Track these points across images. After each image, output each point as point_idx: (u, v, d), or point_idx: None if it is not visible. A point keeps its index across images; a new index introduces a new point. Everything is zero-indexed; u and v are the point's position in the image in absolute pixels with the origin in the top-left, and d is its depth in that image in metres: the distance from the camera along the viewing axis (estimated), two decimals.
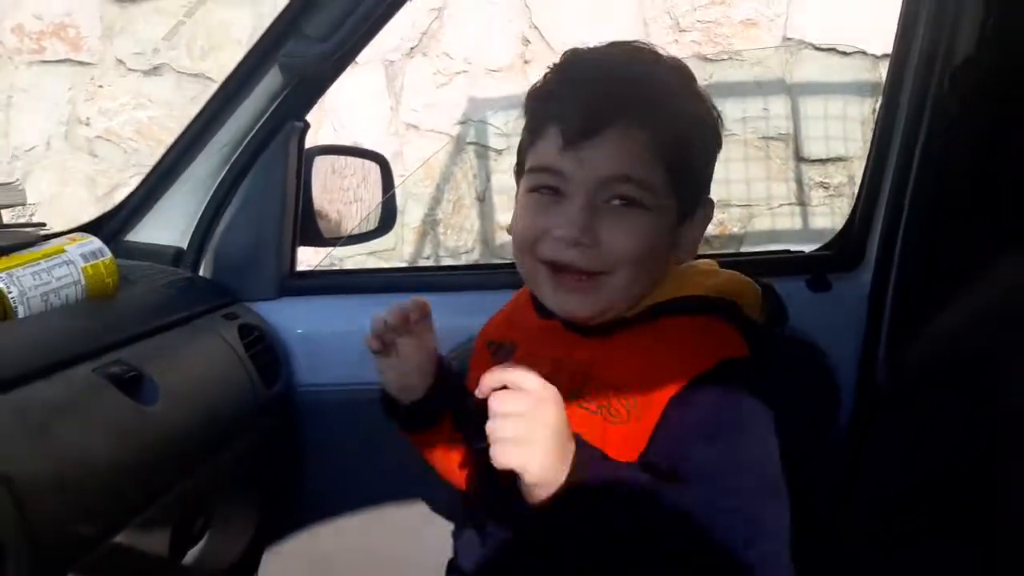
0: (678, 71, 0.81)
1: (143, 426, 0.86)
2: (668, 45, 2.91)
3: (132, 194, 1.29)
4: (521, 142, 0.84)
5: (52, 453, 0.73)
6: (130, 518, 0.83)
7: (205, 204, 1.27)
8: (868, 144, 1.27)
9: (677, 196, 0.78)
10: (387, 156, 1.43)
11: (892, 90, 1.19)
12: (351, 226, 1.50)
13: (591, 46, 0.81)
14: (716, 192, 0.86)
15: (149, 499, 0.87)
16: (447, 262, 3.08)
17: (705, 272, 0.84)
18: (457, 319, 1.25)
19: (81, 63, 3.10)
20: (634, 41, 0.82)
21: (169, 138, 1.27)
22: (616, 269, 0.76)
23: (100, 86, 3.08)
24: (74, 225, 1.27)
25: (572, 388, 0.76)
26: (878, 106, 2.74)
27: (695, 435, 0.72)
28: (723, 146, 0.85)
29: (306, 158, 1.31)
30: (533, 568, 0.80)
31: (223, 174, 1.26)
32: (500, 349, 0.89)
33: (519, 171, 0.84)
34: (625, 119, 0.74)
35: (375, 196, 1.45)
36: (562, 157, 0.76)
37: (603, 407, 0.75)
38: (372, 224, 1.46)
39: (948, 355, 0.95)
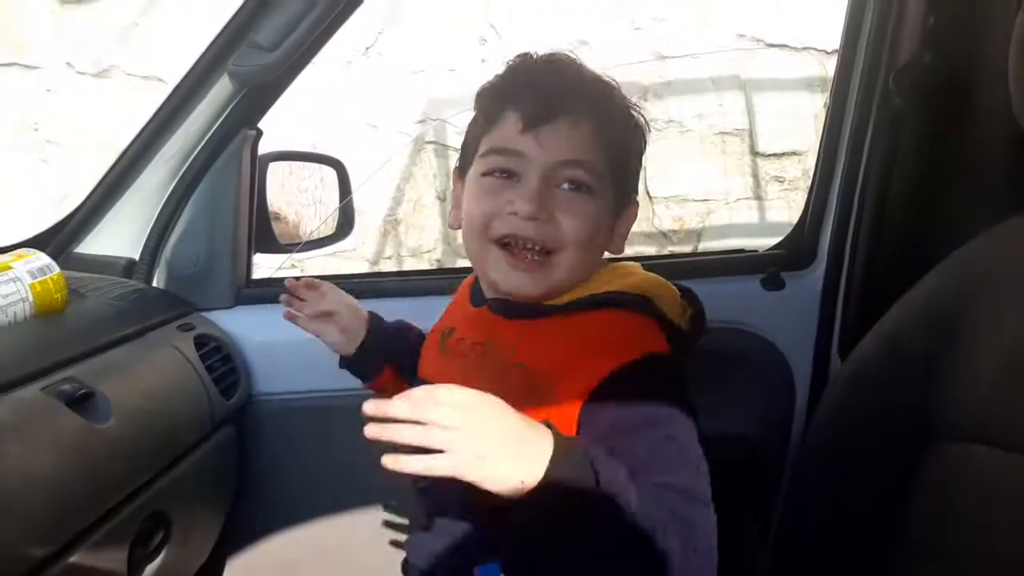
0: (606, 79, 0.87)
1: (95, 444, 0.85)
2: (624, 43, 2.93)
3: (81, 205, 1.27)
4: (470, 135, 0.89)
5: None
6: (84, 538, 0.82)
7: (157, 214, 1.25)
8: (820, 138, 1.29)
9: (615, 188, 0.84)
10: (346, 156, 1.42)
11: (839, 91, 1.21)
12: (310, 228, 1.49)
13: (534, 52, 0.87)
14: (674, 188, 0.90)
15: (104, 518, 0.85)
16: (408, 261, 3.08)
17: (628, 271, 0.87)
18: (419, 324, 1.26)
19: (27, 67, 3.02)
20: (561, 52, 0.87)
21: (121, 142, 1.24)
22: (565, 248, 0.81)
23: (48, 90, 3.01)
24: (24, 232, 1.25)
25: (499, 373, 0.80)
26: (828, 101, 2.79)
27: (618, 430, 0.74)
28: (681, 143, 0.89)
29: (260, 165, 1.30)
30: (479, 560, 0.81)
31: (175, 183, 1.24)
32: (444, 333, 0.93)
33: (463, 166, 0.89)
34: (576, 109, 0.81)
35: (334, 198, 1.44)
36: (521, 138, 0.81)
37: (529, 392, 0.77)
38: (330, 229, 1.45)
39: (892, 350, 0.97)
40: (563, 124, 0.80)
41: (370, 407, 0.63)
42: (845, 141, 1.20)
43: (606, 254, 0.89)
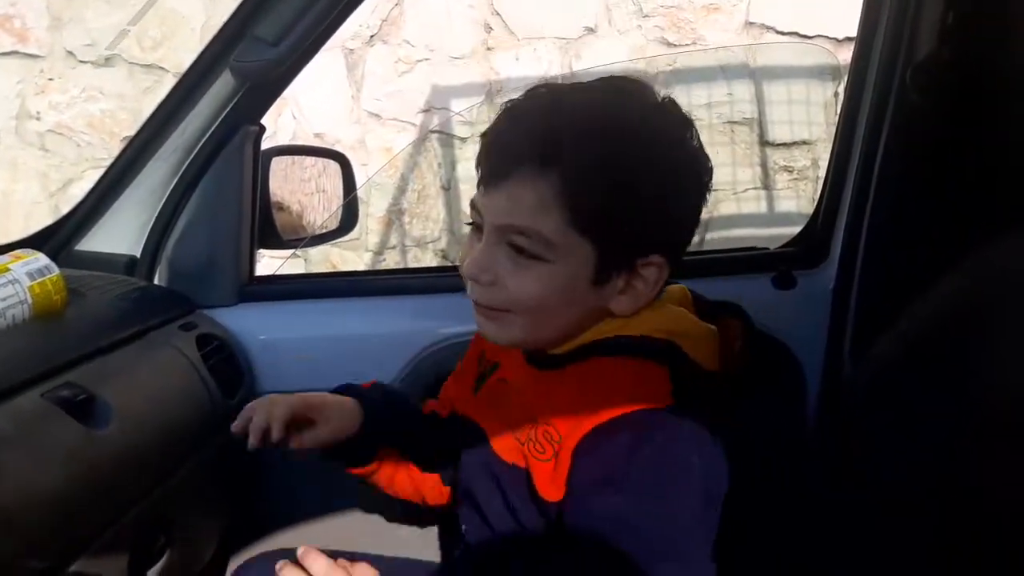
0: (636, 114, 0.75)
1: (95, 451, 0.84)
2: (631, 31, 2.89)
3: (82, 202, 1.25)
4: None
5: None
6: (85, 546, 0.81)
7: (159, 210, 1.23)
8: (831, 127, 1.27)
9: (595, 250, 0.73)
10: (349, 145, 1.40)
11: (854, 87, 1.19)
12: (314, 218, 1.47)
13: (545, 85, 0.78)
14: None
15: (104, 525, 0.84)
16: (413, 251, 3.06)
17: (652, 306, 0.79)
18: (421, 322, 1.24)
19: (29, 55, 3.00)
20: (609, 76, 0.78)
21: (122, 131, 1.23)
22: (515, 311, 0.76)
23: (50, 79, 2.99)
24: (26, 221, 1.23)
25: (519, 421, 0.77)
26: (840, 89, 2.75)
27: (586, 490, 0.71)
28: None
29: (263, 160, 1.28)
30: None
31: (176, 179, 1.22)
32: (484, 362, 0.91)
33: None
34: (526, 168, 0.72)
35: (337, 187, 1.42)
36: (479, 196, 0.77)
37: (531, 441, 0.75)
38: (334, 223, 1.44)
39: (910, 351, 0.95)
40: (507, 186, 0.73)
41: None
42: (859, 138, 1.18)
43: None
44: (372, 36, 2.95)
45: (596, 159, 0.71)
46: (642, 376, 0.74)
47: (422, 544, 1.13)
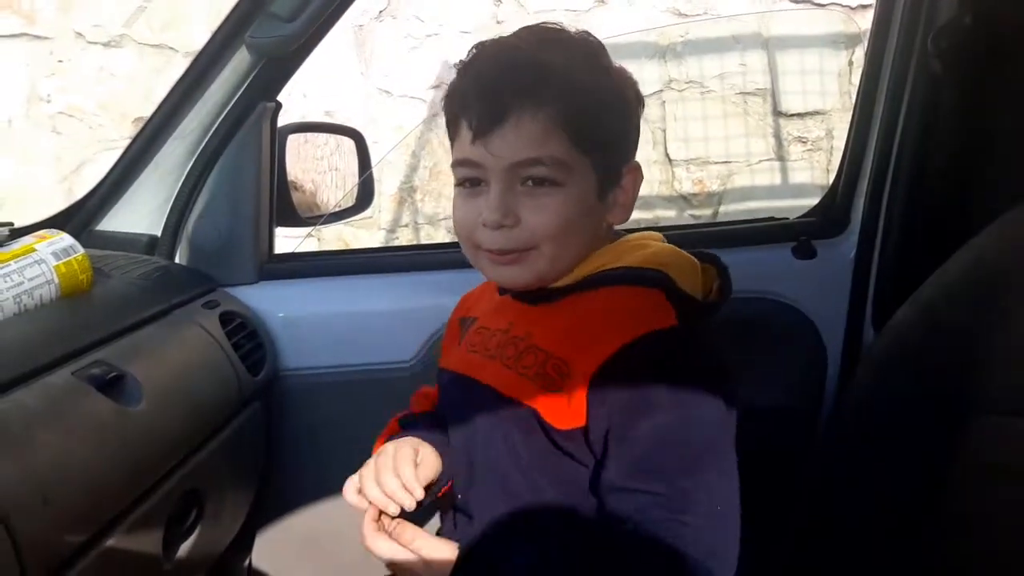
0: (583, 46, 0.83)
1: (128, 428, 0.85)
2: (641, 1, 2.86)
3: (102, 182, 1.25)
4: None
5: (35, 466, 0.72)
6: (120, 521, 0.82)
7: (178, 189, 1.24)
8: (845, 96, 1.26)
9: (594, 167, 0.81)
10: (360, 122, 1.39)
11: (875, 52, 1.18)
12: (327, 196, 1.48)
13: (496, 37, 0.84)
14: (695, 150, 0.87)
15: (138, 500, 0.85)
16: (425, 228, 3.06)
17: (640, 244, 0.86)
18: (439, 298, 1.24)
19: (38, 37, 2.99)
20: (542, 23, 0.85)
21: (133, 112, 1.23)
22: (542, 244, 0.81)
23: (60, 61, 2.98)
24: (41, 207, 1.24)
25: (515, 355, 0.82)
26: (854, 58, 2.72)
27: (624, 413, 0.75)
28: (702, 105, 0.84)
29: (279, 137, 1.28)
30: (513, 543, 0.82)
31: (195, 158, 1.22)
32: (465, 322, 0.95)
33: None
34: (524, 102, 0.78)
35: (350, 164, 1.42)
36: (474, 148, 0.80)
37: (539, 374, 0.79)
38: (350, 201, 1.44)
39: (931, 320, 0.95)
40: (510, 124, 0.78)
41: None
42: (880, 105, 1.17)
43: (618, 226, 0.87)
44: (381, 11, 2.93)
45: (582, 86, 0.79)
46: (645, 301, 0.80)
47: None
